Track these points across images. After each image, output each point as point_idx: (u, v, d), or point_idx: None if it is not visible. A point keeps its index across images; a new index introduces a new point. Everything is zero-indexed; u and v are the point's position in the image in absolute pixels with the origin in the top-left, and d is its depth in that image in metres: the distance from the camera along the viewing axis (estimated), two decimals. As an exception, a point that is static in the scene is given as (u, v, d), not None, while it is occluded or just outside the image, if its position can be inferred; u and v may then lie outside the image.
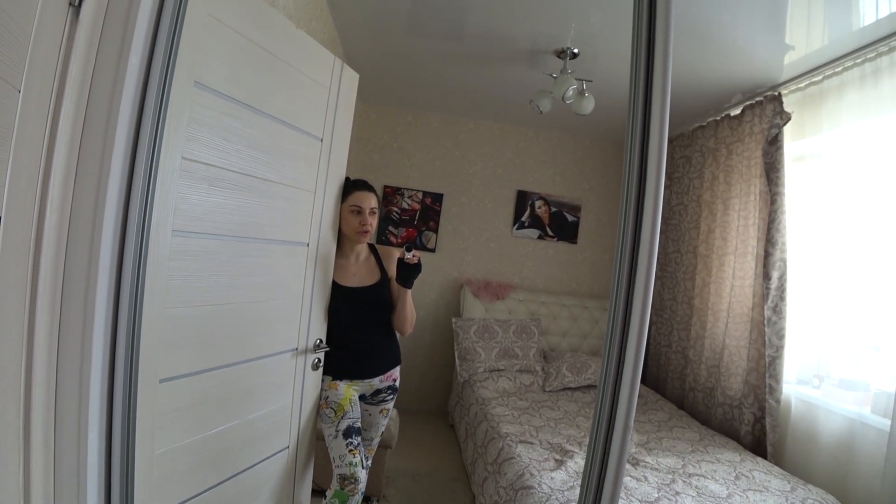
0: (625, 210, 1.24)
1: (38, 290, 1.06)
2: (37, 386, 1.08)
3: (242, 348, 1.74)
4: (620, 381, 1.18)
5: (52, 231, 1.09)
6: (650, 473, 2.49)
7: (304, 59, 1.86)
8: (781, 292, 3.01)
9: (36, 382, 1.07)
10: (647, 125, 1.24)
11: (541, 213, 4.88)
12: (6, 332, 1.02)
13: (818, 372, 3.03)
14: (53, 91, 1.06)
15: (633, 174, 1.24)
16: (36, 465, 1.08)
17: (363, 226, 2.11)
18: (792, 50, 2.81)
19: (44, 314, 1.08)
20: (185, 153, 1.40)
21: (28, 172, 1.03)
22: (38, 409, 1.08)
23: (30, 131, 1.02)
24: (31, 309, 1.06)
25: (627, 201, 1.24)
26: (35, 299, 1.06)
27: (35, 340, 1.07)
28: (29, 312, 1.06)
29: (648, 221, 1.21)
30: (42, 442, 1.10)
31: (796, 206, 3.11)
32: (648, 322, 1.21)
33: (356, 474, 1.96)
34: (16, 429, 1.05)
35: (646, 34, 1.25)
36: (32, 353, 1.07)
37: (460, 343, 4.19)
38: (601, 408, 1.22)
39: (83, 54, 1.10)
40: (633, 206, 1.23)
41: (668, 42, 1.23)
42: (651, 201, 1.22)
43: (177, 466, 1.51)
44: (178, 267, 1.44)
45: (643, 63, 1.25)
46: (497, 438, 2.88)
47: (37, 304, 1.06)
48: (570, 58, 3.10)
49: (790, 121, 3.06)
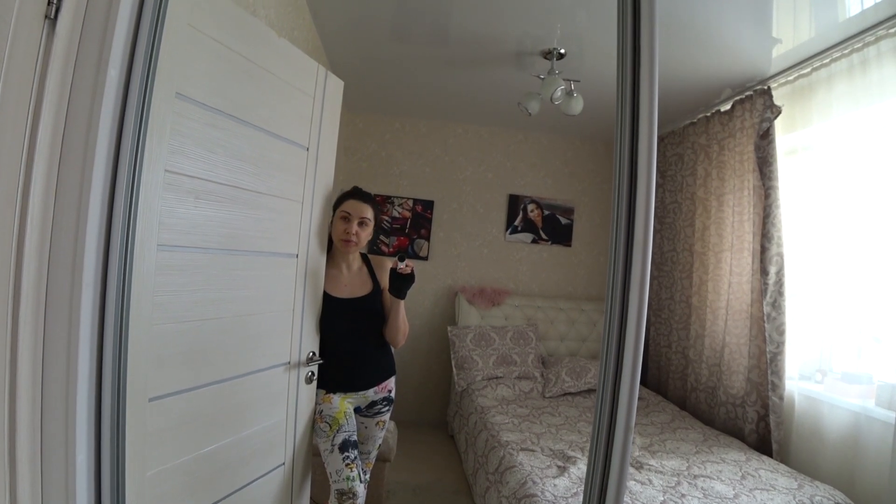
0: (617, 210, 1.24)
1: (19, 308, 1.05)
2: (21, 407, 1.06)
3: (234, 363, 1.73)
4: (619, 382, 1.18)
5: (34, 248, 1.07)
6: (655, 476, 2.48)
7: (288, 68, 1.86)
8: (780, 287, 3.02)
9: (20, 403, 1.06)
10: (635, 124, 1.24)
11: (533, 216, 4.89)
12: (-12, 355, 1.01)
13: (820, 366, 3.05)
14: (31, 105, 1.05)
15: (623, 173, 1.24)
16: (23, 489, 1.07)
17: (347, 234, 2.09)
18: (779, 43, 2.84)
19: (27, 332, 1.07)
20: (169, 166, 1.40)
21: (7, 188, 1.02)
22: (23, 431, 1.07)
23: (7, 146, 1.01)
24: (14, 327, 1.05)
25: (619, 201, 1.24)
26: (17, 317, 1.05)
27: (18, 360, 1.06)
28: (11, 331, 1.05)
29: (641, 220, 1.22)
30: (28, 464, 1.08)
31: (791, 200, 3.14)
32: (646, 322, 1.21)
33: (354, 489, 1.94)
34: (1, 451, 1.03)
35: (631, 32, 1.25)
36: (16, 373, 1.05)
37: (457, 352, 4.18)
38: (601, 411, 1.22)
39: (60, 67, 1.10)
40: (625, 206, 1.23)
41: (654, 39, 1.24)
42: (643, 200, 1.22)
43: (169, 487, 1.49)
44: (165, 282, 1.43)
45: (629, 61, 1.25)
46: (498, 447, 2.86)
47: (19, 323, 1.05)
48: (557, 58, 3.12)
49: (781, 114, 3.09)
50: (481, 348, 4.17)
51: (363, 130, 4.80)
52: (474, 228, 4.86)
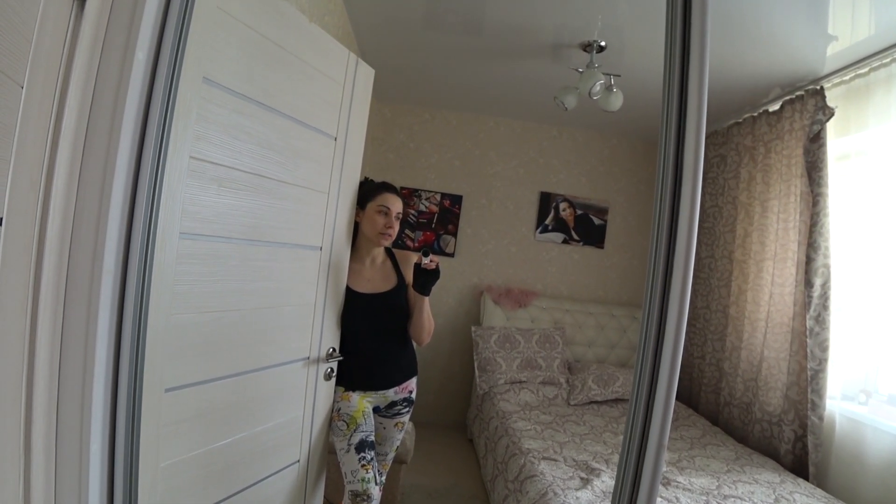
0: (659, 213, 1.21)
1: (39, 295, 1.06)
2: (38, 395, 1.08)
3: (252, 357, 1.74)
4: (654, 397, 1.15)
5: (55, 233, 1.09)
6: (682, 494, 2.44)
7: (318, 55, 1.86)
8: (825, 301, 2.94)
9: (37, 391, 1.08)
10: (682, 123, 1.21)
11: (565, 215, 4.84)
12: (7, 339, 1.02)
13: (865, 387, 2.95)
14: (57, 87, 1.07)
15: (667, 175, 1.21)
16: (37, 477, 1.09)
17: (388, 228, 2.11)
18: (835, 41, 2.74)
19: (46, 320, 1.08)
20: (194, 152, 1.41)
21: (30, 172, 1.03)
22: (39, 420, 1.08)
23: (32, 129, 1.02)
24: (33, 314, 1.06)
25: (662, 204, 1.21)
26: (37, 304, 1.07)
27: (37, 347, 1.07)
28: (30, 318, 1.06)
29: (685, 228, 1.18)
30: (43, 453, 1.10)
31: (840, 208, 3.04)
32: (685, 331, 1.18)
33: (369, 491, 1.94)
34: (16, 440, 1.05)
35: (680, 24, 1.22)
36: (34, 361, 1.07)
37: (480, 353, 4.17)
38: (633, 424, 1.19)
39: (88, 49, 1.11)
40: (667, 209, 1.20)
41: (705, 34, 1.20)
42: (687, 204, 1.19)
43: (182, 480, 1.51)
44: (186, 271, 1.44)
45: (678, 56, 1.22)
46: (518, 454, 2.84)
47: (38, 310, 1.07)
48: (597, 51, 3.07)
49: (833, 116, 2.99)
50: (505, 350, 4.15)
51: (391, 120, 4.80)
52: (503, 226, 4.83)
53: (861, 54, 2.82)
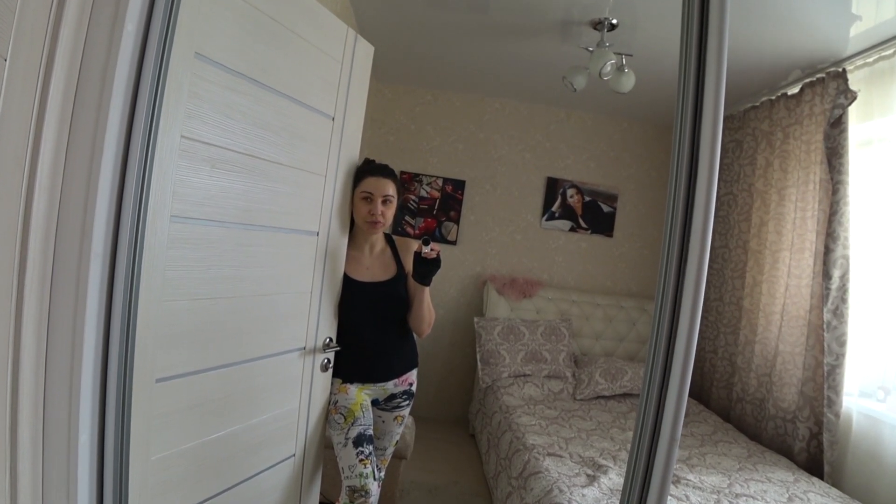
0: (673, 201, 1.20)
1: (25, 280, 1.06)
2: (24, 384, 1.08)
3: (246, 346, 1.74)
4: (667, 388, 1.15)
5: (41, 215, 1.08)
6: (692, 493, 2.45)
7: (315, 30, 1.85)
8: (843, 293, 2.93)
9: (23, 381, 1.07)
10: (699, 104, 1.20)
11: (573, 202, 4.83)
12: (-9, 325, 1.02)
13: (884, 383, 2.95)
14: (42, 60, 1.05)
15: (682, 161, 1.20)
16: (23, 471, 1.09)
17: (372, 216, 2.06)
18: (859, 20, 2.72)
19: (31, 305, 1.08)
20: (185, 131, 1.40)
21: (15, 150, 1.02)
22: (25, 410, 1.08)
23: (16, 104, 1.01)
24: (18, 301, 1.06)
25: (676, 191, 1.20)
26: (22, 290, 1.06)
27: (22, 335, 1.07)
28: (16, 305, 1.06)
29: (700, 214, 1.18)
30: (30, 445, 1.10)
31: (861, 197, 3.03)
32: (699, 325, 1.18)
33: (367, 486, 1.95)
34: (1, 432, 1.05)
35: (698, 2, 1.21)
36: (20, 350, 1.07)
37: (483, 345, 4.17)
38: (643, 420, 1.19)
39: (75, 20, 1.09)
40: (682, 197, 1.20)
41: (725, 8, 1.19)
42: (703, 191, 1.18)
43: (173, 473, 1.51)
44: (177, 256, 1.44)
45: (695, 34, 1.21)
46: (523, 450, 2.86)
47: (24, 296, 1.06)
48: (608, 29, 3.04)
49: (856, 100, 2.97)
50: (509, 343, 4.16)
51: (391, 101, 4.77)
52: (508, 213, 4.82)
53: (886, 35, 2.79)
